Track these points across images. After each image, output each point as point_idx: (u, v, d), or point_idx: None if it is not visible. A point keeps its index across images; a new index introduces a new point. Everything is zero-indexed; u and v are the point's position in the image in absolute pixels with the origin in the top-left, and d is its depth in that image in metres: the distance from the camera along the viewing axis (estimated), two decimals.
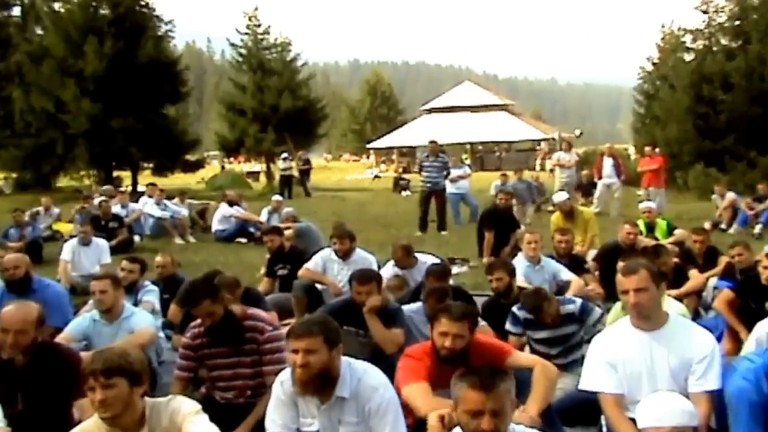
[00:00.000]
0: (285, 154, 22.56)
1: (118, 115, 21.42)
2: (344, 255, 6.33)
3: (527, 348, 4.46)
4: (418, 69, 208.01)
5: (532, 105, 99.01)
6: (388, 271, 6.27)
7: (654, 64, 29.49)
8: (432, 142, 12.02)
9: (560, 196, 8.56)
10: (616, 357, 3.00)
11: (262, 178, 31.09)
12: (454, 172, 13.28)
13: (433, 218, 11.91)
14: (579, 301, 4.47)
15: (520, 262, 6.03)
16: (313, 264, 6.39)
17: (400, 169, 26.95)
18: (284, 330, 3.38)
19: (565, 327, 4.36)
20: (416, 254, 6.27)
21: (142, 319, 4.50)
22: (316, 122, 31.10)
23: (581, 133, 41.89)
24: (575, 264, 6.32)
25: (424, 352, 3.28)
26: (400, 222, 13.95)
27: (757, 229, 10.40)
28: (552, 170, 16.37)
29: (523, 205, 12.91)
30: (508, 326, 4.49)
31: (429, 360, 3.23)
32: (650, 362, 2.96)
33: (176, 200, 12.89)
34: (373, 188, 25.92)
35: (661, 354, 2.95)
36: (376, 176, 32.65)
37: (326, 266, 6.33)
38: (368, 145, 47.49)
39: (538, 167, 31.34)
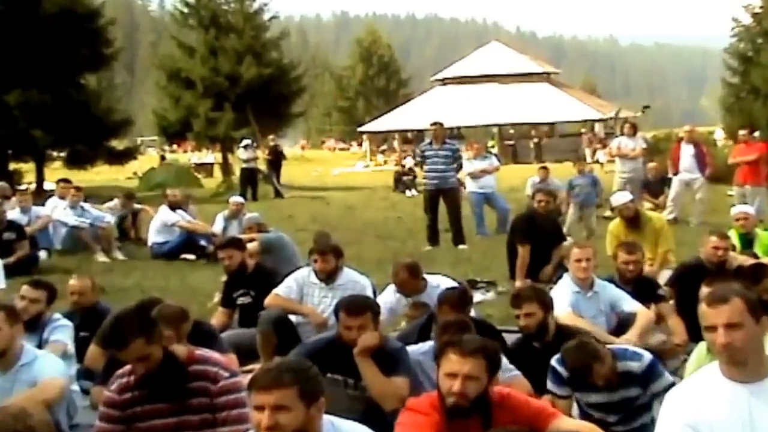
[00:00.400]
0: (247, 141, 22.69)
1: (16, 86, 21.16)
2: (328, 276, 6.37)
3: (575, 408, 4.49)
4: (429, 25, 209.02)
5: (582, 73, 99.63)
6: (388, 298, 6.31)
7: (754, 14, 28.83)
8: (436, 123, 12.20)
9: (621, 198, 8.66)
10: (701, 420, 2.88)
11: (217, 172, 31.17)
12: (477, 165, 13.54)
13: (448, 227, 12.13)
14: (647, 358, 4.42)
15: (566, 288, 6.08)
16: (286, 289, 6.43)
17: (404, 161, 27.00)
18: (246, 378, 3.41)
19: (626, 389, 4.37)
20: (425, 276, 6.35)
21: (49, 365, 4.48)
22: (289, 97, 31.18)
23: (647, 107, 41.99)
24: (643, 289, 6.36)
25: (430, 404, 3.29)
26: (404, 232, 14.02)
27: None
28: (610, 161, 16.29)
29: (585, 209, 13.00)
30: (549, 386, 4.49)
31: (437, 414, 3.22)
32: (749, 427, 2.85)
33: (115, 203, 13.00)
34: (368, 186, 26.02)
35: (763, 416, 2.85)
36: (369, 165, 32.49)
37: (304, 291, 6.41)
38: (360, 129, 47.72)
39: (589, 158, 31.45)
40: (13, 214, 11.23)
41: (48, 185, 20.23)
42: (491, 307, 7.80)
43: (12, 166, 22.94)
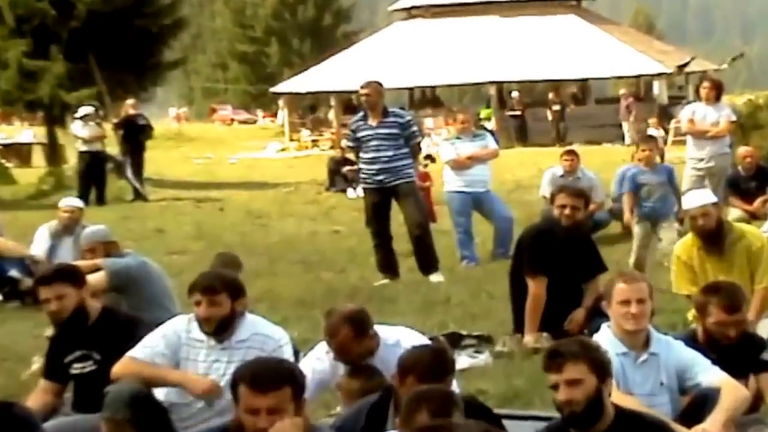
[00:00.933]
0: (89, 108, 22.58)
1: None
2: (219, 329, 6.32)
3: None
4: None
5: (633, 3, 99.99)
6: (317, 363, 6.33)
7: None
8: (370, 85, 12.32)
9: (696, 199, 8.68)
10: None
11: (38, 157, 31.13)
12: (461, 149, 13.54)
13: (411, 247, 12.41)
14: None
15: (608, 344, 5.95)
16: (150, 349, 6.37)
17: (345, 142, 26.99)
18: None
19: None
20: (377, 328, 6.42)
21: None
22: (158, 37, 31.04)
23: (738, 57, 42.15)
24: (735, 351, 6.41)
25: None
26: (343, 256, 14.12)
27: None
28: (676, 143, 16.15)
29: (657, 221, 12.88)
30: None
31: None
32: None
33: None
34: (286, 181, 26.11)
35: None
36: (288, 149, 32.25)
37: (181, 354, 6.40)
38: (274, 90, 47.76)
39: (627, 139, 31.54)
40: None
41: None
42: (485, 378, 7.79)
43: None
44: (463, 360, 7.93)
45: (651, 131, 31.94)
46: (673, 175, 13.42)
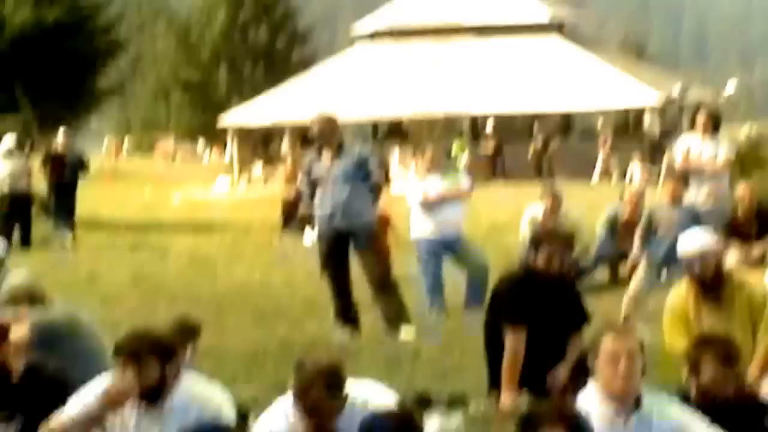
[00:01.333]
0: (11, 140, 22.53)
1: None
2: (150, 394, 6.32)
3: None
4: None
5: (621, 18, 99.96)
6: (274, 424, 6.23)
7: None
8: (321, 117, 12.38)
9: (693, 242, 8.80)
10: None
11: None
12: (431, 187, 13.56)
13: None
14: None
15: (590, 407, 6.01)
16: (77, 412, 6.36)
17: (300, 180, 26.96)
18: None
19: None
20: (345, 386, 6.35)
21: None
22: (91, 63, 30.86)
23: (733, 87, 42.61)
24: (737, 414, 6.41)
25: None
26: (299, 305, 14.11)
27: None
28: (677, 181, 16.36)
29: (668, 267, 12.73)
30: None
31: None
32: None
33: None
34: (235, 223, 26.11)
35: None
36: (237, 185, 32.10)
37: (111, 419, 6.38)
38: (222, 120, 47.51)
39: (596, 176, 31.88)
40: None
41: None
42: None
43: None
44: (431, 426, 7.79)
45: (635, 168, 32.21)
46: (699, 219, 13.31)
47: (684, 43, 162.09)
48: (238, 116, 45.55)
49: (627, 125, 41.48)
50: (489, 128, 41.40)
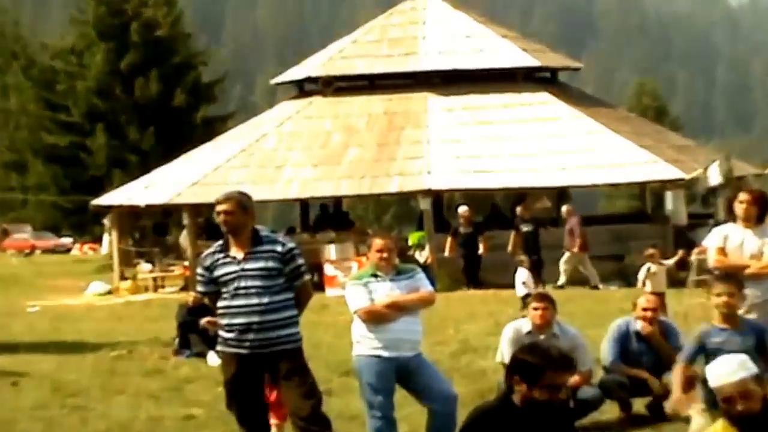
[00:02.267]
0: None
1: None
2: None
3: None
4: None
5: (631, 74, 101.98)
6: None
7: None
8: (229, 198, 12.54)
9: (729, 371, 8.82)
10: None
11: None
12: (380, 292, 13.46)
13: None
14: None
15: None
16: None
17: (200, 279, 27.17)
18: None
19: None
20: None
21: None
22: None
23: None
24: None
25: None
26: None
27: None
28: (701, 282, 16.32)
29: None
30: None
31: None
32: None
33: None
34: (116, 341, 26.17)
35: None
36: (117, 289, 32.01)
37: None
38: (96, 202, 48.17)
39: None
40: None
41: None
42: None
43: None
44: None
45: (648, 270, 32.20)
46: (765, 340, 13.14)
47: (719, 101, 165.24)
48: (118, 196, 44.51)
49: (643, 209, 41.83)
50: (462, 210, 40.84)
